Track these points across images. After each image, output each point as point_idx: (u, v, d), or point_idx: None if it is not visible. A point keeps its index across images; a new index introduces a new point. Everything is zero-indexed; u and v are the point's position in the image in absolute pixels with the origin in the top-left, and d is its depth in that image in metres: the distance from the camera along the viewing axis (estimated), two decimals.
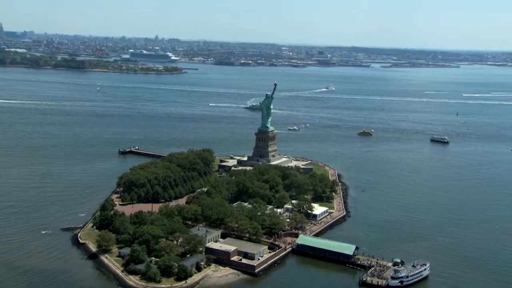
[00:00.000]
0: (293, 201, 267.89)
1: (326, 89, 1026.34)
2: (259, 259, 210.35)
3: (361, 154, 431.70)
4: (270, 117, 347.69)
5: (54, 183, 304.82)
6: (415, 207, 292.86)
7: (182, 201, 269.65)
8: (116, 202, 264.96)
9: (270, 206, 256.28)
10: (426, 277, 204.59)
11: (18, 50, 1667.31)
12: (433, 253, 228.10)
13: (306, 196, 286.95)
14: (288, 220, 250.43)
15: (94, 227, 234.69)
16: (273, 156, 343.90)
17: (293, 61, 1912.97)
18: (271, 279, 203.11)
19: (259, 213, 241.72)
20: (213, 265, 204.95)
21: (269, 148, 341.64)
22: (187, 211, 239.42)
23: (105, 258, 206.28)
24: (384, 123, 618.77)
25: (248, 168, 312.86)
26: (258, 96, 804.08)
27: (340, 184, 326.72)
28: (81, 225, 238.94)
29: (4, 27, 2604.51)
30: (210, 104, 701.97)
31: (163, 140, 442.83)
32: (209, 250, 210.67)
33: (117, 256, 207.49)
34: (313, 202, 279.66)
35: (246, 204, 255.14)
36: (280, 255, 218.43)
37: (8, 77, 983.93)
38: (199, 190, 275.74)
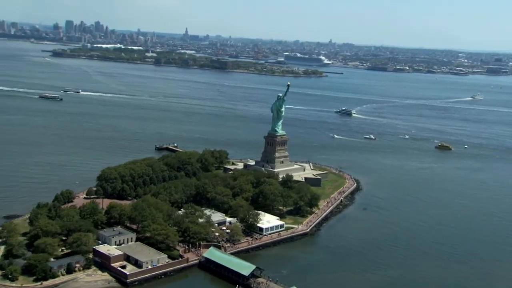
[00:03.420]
0: (251, 212, 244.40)
1: (471, 99, 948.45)
2: (147, 267, 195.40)
3: (415, 170, 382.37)
4: (281, 121, 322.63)
5: (55, 174, 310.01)
6: (397, 237, 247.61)
7: None
8: (78, 195, 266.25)
9: (209, 213, 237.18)
10: None
11: (188, 51, 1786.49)
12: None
13: (281, 207, 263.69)
14: (228, 231, 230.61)
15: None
16: (282, 162, 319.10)
17: (457, 68, 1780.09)
18: None
19: (187, 219, 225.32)
20: (93, 268, 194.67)
21: (276, 153, 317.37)
22: (115, 210, 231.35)
23: None
24: (493, 138, 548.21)
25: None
26: (377, 103, 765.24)
27: (343, 198, 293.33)
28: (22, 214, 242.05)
29: (191, 31, 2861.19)
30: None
31: (213, 139, 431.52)
32: (96, 253, 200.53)
33: None
34: (285, 215, 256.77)
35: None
36: (175, 267, 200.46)
37: (151, 75, 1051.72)
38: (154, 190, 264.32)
